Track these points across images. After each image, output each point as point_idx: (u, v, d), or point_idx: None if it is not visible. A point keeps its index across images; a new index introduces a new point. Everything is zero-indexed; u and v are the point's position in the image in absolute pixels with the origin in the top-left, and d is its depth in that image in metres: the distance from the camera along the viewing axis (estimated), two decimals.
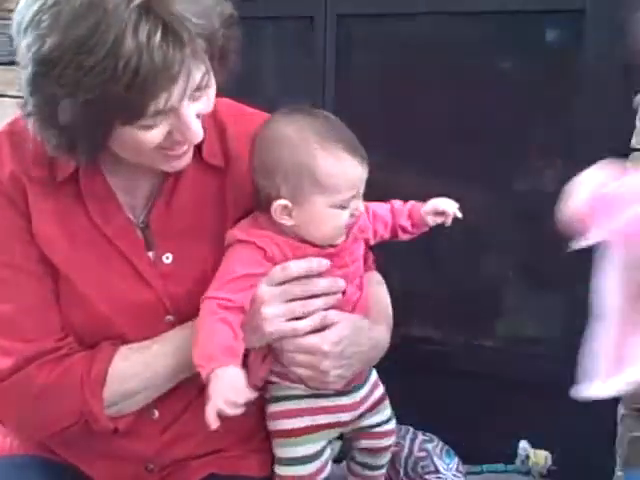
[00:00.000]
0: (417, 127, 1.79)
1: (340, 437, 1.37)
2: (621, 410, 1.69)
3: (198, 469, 1.29)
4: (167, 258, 1.23)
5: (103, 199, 1.20)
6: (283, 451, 1.30)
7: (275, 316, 1.20)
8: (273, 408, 1.30)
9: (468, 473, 1.89)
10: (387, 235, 1.35)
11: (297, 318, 1.21)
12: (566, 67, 1.83)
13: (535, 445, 1.88)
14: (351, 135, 1.22)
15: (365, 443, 1.37)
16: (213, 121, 1.25)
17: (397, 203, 1.35)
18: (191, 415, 1.24)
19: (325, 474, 1.30)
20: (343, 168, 1.20)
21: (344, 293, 1.26)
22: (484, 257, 2.01)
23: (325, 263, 1.23)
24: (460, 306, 2.02)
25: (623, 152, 1.64)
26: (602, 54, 1.73)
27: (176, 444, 1.26)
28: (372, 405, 1.33)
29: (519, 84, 1.88)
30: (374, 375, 1.35)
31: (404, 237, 1.36)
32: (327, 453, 1.31)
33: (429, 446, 1.88)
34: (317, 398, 1.28)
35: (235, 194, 1.26)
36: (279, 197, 1.20)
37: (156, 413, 1.24)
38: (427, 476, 1.87)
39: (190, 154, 1.17)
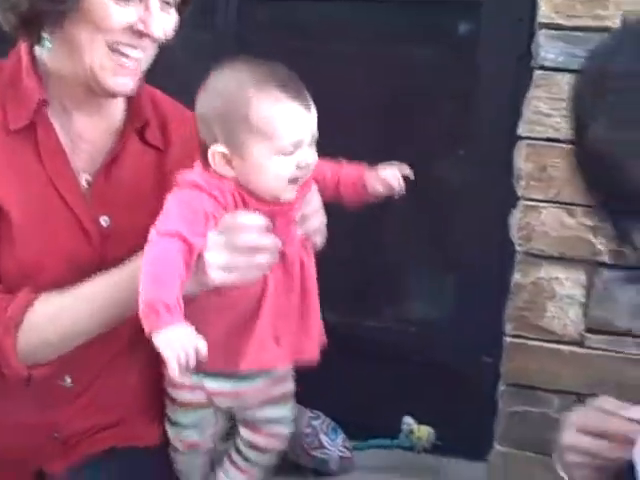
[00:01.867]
0: (319, 112, 1.79)
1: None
2: (501, 386, 1.76)
3: (100, 441, 1.28)
4: (105, 221, 1.22)
5: (55, 153, 1.21)
6: (172, 414, 1.29)
7: (218, 264, 1.16)
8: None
9: (354, 448, 1.93)
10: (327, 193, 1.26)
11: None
12: (466, 56, 1.87)
13: (420, 421, 1.94)
14: (297, 83, 1.15)
15: (249, 436, 1.31)
16: (155, 111, 1.28)
17: (346, 169, 1.27)
18: (103, 383, 1.23)
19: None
20: (280, 111, 1.13)
21: (284, 254, 1.21)
22: (376, 241, 2.04)
23: (269, 224, 1.18)
24: (350, 287, 2.04)
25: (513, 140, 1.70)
26: (498, 44, 1.78)
27: (86, 412, 1.25)
28: (271, 398, 1.29)
29: (421, 71, 1.91)
30: (282, 371, 1.30)
31: (345, 201, 1.28)
32: (216, 425, 1.30)
33: (315, 423, 1.91)
34: (218, 379, 1.25)
35: (172, 177, 1.23)
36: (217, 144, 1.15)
37: (68, 380, 1.23)
38: (313, 452, 1.90)
39: (137, 75, 1.18)
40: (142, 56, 1.18)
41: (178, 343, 1.06)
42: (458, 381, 1.88)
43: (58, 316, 1.17)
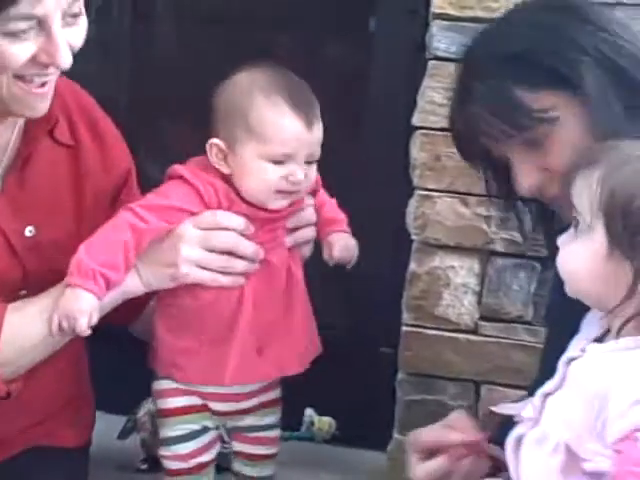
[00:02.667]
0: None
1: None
2: (399, 375, 1.77)
3: (20, 442, 1.27)
4: (30, 232, 1.19)
5: None
6: (161, 431, 1.28)
7: (191, 259, 1.16)
8: (157, 386, 1.28)
9: None
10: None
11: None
12: (363, 48, 1.87)
13: (322, 413, 1.94)
14: (308, 99, 1.18)
15: (239, 446, 1.33)
16: (61, 105, 1.23)
17: (330, 208, 1.30)
18: (24, 387, 1.19)
19: (207, 457, 1.29)
20: (278, 119, 1.15)
21: (269, 262, 1.22)
22: None
23: (250, 228, 1.19)
24: None
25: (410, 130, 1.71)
26: (395, 35, 1.79)
27: (9, 415, 1.22)
28: (259, 405, 1.30)
29: (318, 63, 1.91)
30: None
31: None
32: (207, 436, 1.29)
33: None
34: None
35: (87, 171, 1.24)
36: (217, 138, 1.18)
37: None
38: None
39: (49, 98, 1.12)
40: (53, 77, 1.12)
41: (67, 306, 1.10)
42: (358, 372, 1.89)
43: (35, 323, 1.15)
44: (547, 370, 1.23)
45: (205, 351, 1.23)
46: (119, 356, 1.64)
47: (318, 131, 1.19)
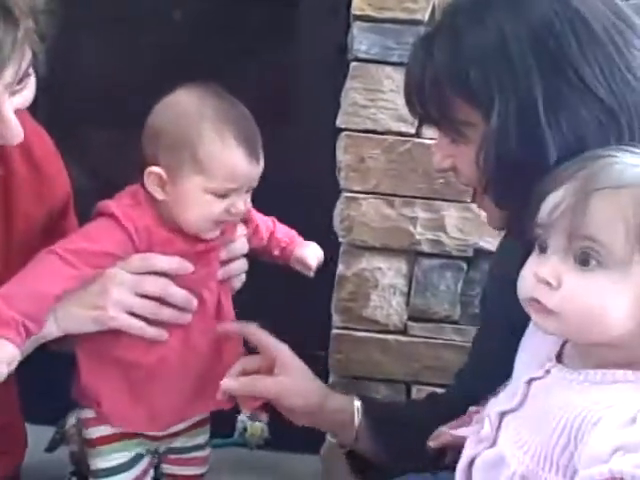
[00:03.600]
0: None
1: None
2: (331, 378, 1.76)
3: None
4: None
5: None
6: (92, 462, 1.25)
7: (122, 303, 1.12)
8: (83, 414, 1.25)
9: None
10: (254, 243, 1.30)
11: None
12: (284, 48, 1.86)
13: (253, 418, 1.92)
14: (254, 133, 1.17)
15: (169, 469, 1.31)
16: None
17: (280, 230, 1.33)
18: None
19: None
20: (227, 155, 1.13)
21: (203, 301, 1.21)
22: None
23: (187, 267, 1.17)
24: None
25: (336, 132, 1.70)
26: (316, 36, 1.78)
27: None
28: (189, 426, 1.28)
29: (243, 65, 1.90)
30: None
31: (267, 258, 1.34)
32: (142, 463, 1.26)
33: None
34: None
35: (19, 201, 1.18)
36: (157, 165, 1.14)
37: None
38: None
39: None
40: None
41: None
42: None
43: None
44: (477, 354, 1.25)
45: (131, 392, 1.21)
46: (46, 365, 1.60)
47: (260, 166, 1.19)
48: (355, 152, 1.66)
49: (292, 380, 1.28)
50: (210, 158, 1.13)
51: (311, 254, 1.33)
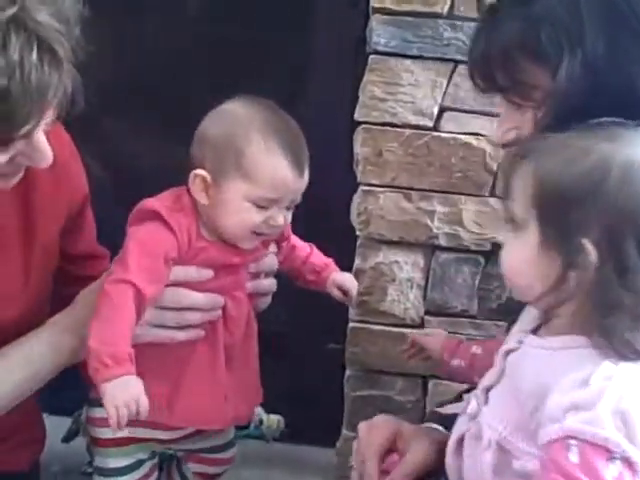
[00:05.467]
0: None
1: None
2: (347, 371, 1.76)
3: None
4: None
5: None
6: (98, 460, 1.25)
7: (144, 320, 1.12)
8: (92, 413, 1.25)
9: None
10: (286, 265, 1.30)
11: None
12: (304, 40, 1.86)
13: (270, 411, 1.93)
14: (301, 147, 1.17)
15: (194, 467, 1.32)
16: None
17: (316, 256, 1.32)
18: None
19: None
20: (272, 164, 1.14)
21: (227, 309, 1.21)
22: None
23: (206, 274, 1.17)
24: None
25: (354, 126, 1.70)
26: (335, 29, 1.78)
27: None
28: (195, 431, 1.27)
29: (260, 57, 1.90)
30: None
31: (301, 283, 1.34)
32: (146, 467, 1.27)
33: None
34: None
35: (38, 203, 1.16)
36: (203, 168, 1.15)
37: None
38: None
39: (21, 174, 1.03)
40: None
41: (121, 397, 1.05)
42: (306, 369, 1.89)
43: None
44: None
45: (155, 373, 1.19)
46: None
47: (304, 180, 1.19)
48: (373, 145, 1.66)
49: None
50: (255, 164, 1.14)
51: (350, 280, 1.33)
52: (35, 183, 1.15)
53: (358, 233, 1.70)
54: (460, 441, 0.98)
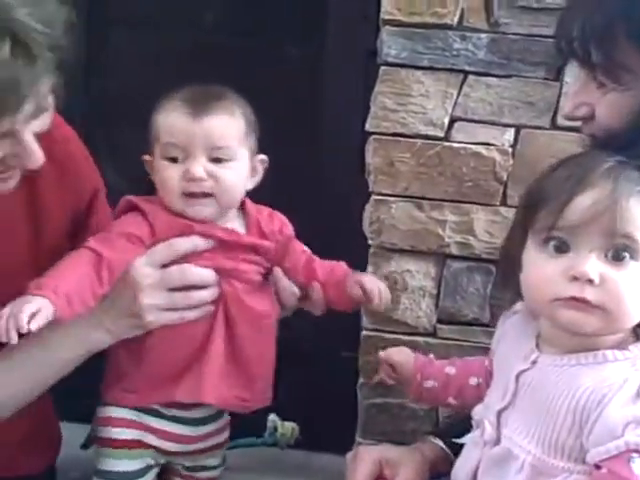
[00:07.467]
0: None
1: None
2: (360, 379, 1.77)
3: None
4: None
5: None
6: (102, 462, 1.26)
7: (154, 305, 1.15)
8: (102, 413, 1.27)
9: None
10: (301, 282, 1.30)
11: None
12: (315, 53, 1.87)
13: (284, 418, 1.94)
14: (208, 95, 1.20)
15: None
16: None
17: (340, 268, 1.30)
18: None
19: None
20: (166, 113, 1.19)
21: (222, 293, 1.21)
22: None
23: (209, 243, 1.19)
24: None
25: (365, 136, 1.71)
26: (347, 42, 1.80)
27: None
28: (210, 447, 1.30)
29: (270, 69, 1.92)
30: (225, 418, 1.32)
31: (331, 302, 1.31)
32: (151, 475, 1.28)
33: None
34: (155, 417, 1.24)
35: (43, 197, 1.20)
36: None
37: None
38: None
39: (18, 176, 1.06)
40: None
41: (17, 306, 1.04)
42: (320, 377, 1.89)
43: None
44: None
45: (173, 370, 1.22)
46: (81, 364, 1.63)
47: (209, 123, 1.17)
48: (384, 155, 1.68)
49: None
50: (157, 123, 1.20)
51: (368, 280, 1.29)
52: (39, 181, 1.18)
53: (370, 242, 1.72)
54: (475, 470, 0.98)
